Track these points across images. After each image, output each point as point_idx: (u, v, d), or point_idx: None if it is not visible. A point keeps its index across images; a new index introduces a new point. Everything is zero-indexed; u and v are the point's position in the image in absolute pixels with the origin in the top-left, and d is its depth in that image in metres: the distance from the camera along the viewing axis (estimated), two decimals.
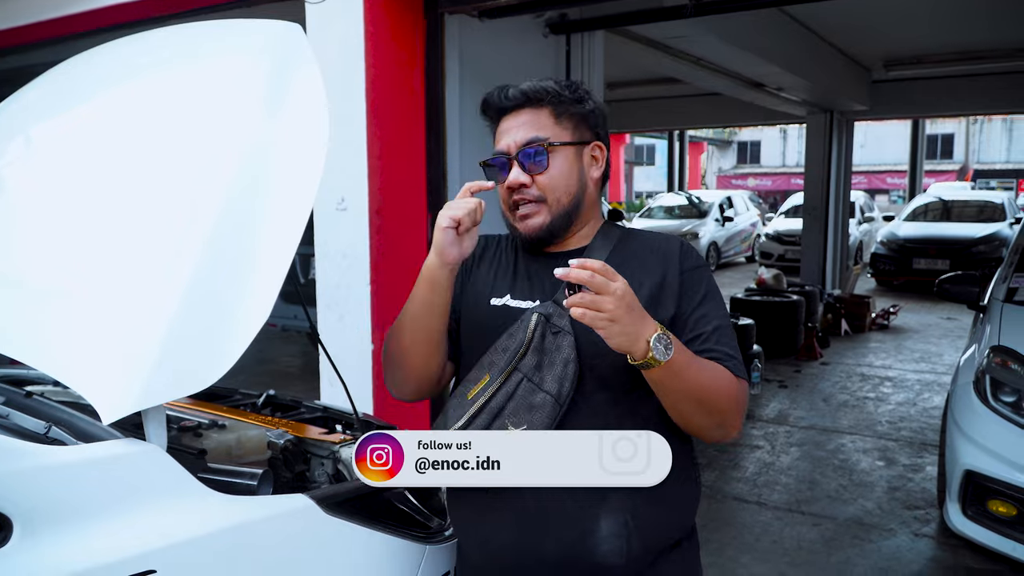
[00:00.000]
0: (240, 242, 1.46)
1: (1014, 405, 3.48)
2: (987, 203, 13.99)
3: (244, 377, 2.50)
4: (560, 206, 1.52)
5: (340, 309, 3.29)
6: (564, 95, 1.54)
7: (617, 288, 1.26)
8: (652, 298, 1.46)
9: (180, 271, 1.39)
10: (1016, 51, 8.10)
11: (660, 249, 1.54)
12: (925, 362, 7.87)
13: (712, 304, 1.50)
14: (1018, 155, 33.97)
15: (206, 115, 1.66)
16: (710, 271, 1.57)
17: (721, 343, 1.46)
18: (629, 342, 1.28)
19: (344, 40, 3.14)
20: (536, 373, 1.42)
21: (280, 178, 1.54)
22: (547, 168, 1.51)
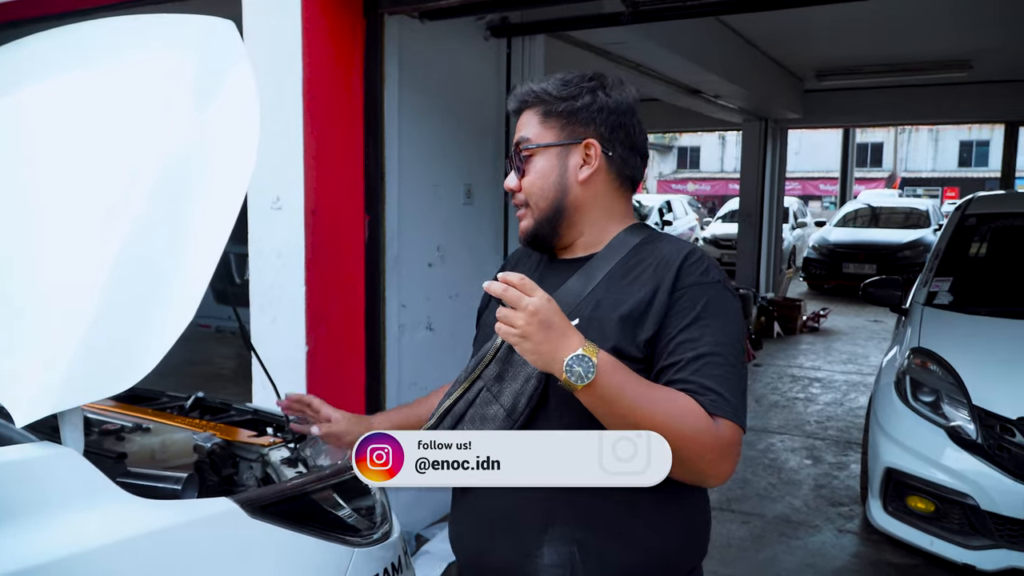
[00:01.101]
0: (165, 240, 1.44)
1: (932, 405, 3.61)
2: (913, 210, 14.46)
3: (175, 379, 2.46)
4: (539, 210, 1.46)
5: (273, 310, 3.25)
6: (552, 93, 1.45)
7: (530, 303, 1.20)
8: (630, 316, 1.35)
9: (100, 270, 1.37)
10: (941, 63, 8.39)
11: (664, 261, 1.39)
12: (852, 363, 8.10)
13: (706, 328, 1.32)
14: (943, 164, 35.21)
15: (133, 110, 1.63)
16: (721, 289, 1.37)
17: (701, 374, 1.28)
18: (542, 361, 1.22)
19: (281, 38, 3.10)
20: (496, 384, 1.40)
21: (209, 175, 1.52)
22: (526, 173, 1.47)
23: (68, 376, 1.32)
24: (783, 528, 4.19)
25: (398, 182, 3.56)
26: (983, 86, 9.65)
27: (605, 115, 1.45)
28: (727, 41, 7.20)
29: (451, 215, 4.04)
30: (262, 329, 3.27)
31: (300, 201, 3.11)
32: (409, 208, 3.66)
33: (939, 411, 3.57)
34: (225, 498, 1.53)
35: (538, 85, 1.48)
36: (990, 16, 6.43)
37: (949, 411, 3.53)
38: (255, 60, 3.06)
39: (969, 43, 7.62)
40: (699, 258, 1.39)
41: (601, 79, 1.48)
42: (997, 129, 21.76)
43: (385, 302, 3.55)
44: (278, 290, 3.22)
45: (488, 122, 4.31)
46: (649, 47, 5.59)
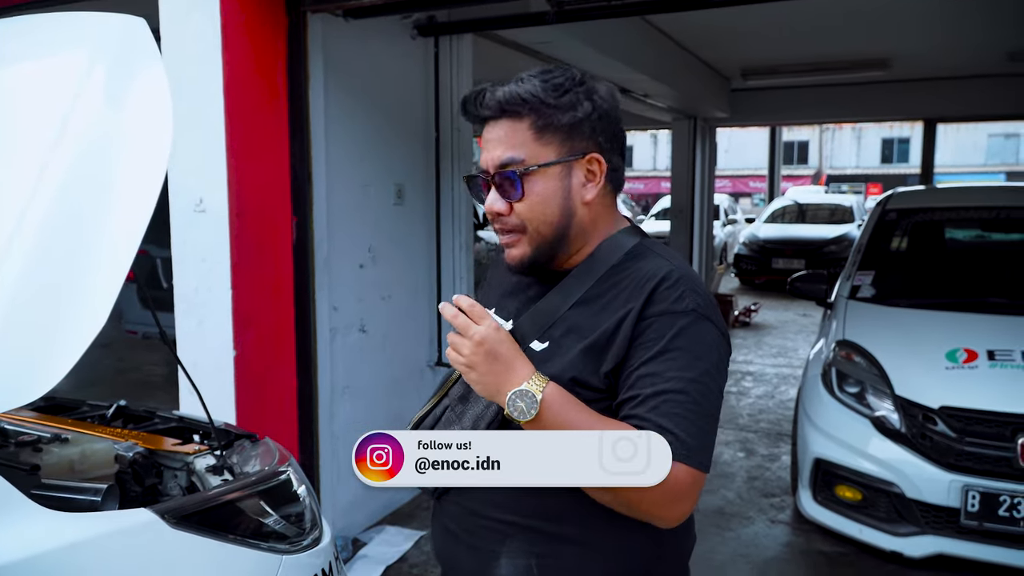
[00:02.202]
0: (75, 243, 1.40)
1: (857, 396, 3.70)
2: (838, 206, 14.88)
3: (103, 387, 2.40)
4: (540, 236, 1.32)
5: (199, 314, 3.17)
6: (548, 102, 1.28)
7: (476, 333, 1.17)
8: (594, 346, 1.27)
9: (7, 273, 1.31)
10: (861, 63, 8.64)
11: (639, 283, 1.28)
12: (782, 356, 8.29)
13: (671, 362, 1.22)
14: (867, 161, 36.34)
15: (40, 110, 1.58)
16: (699, 319, 1.25)
17: (658, 412, 1.20)
18: (488, 392, 1.20)
19: (200, 36, 3.02)
20: (459, 405, 1.37)
21: (121, 175, 1.48)
22: (523, 196, 1.29)
23: None
24: (717, 520, 4.25)
25: (326, 182, 3.51)
26: (902, 85, 9.97)
27: (604, 123, 1.33)
28: (655, 41, 7.29)
29: (382, 215, 4.01)
30: (188, 334, 3.20)
31: (224, 203, 3.04)
32: (338, 209, 3.61)
33: (864, 402, 3.66)
34: (145, 508, 1.49)
35: (525, 89, 1.29)
36: (906, 18, 6.65)
37: (873, 401, 3.63)
38: (174, 59, 3.02)
39: (887, 43, 7.87)
40: (675, 282, 1.27)
41: (587, 80, 1.34)
42: (917, 127, 22.54)
43: (315, 304, 3.50)
44: (204, 294, 3.14)
45: (418, 121, 4.29)
46: (577, 47, 5.63)
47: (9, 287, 1.31)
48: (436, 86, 4.35)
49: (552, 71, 1.33)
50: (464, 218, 4.58)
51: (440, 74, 4.35)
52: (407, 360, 4.29)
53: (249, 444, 2.02)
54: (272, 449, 1.99)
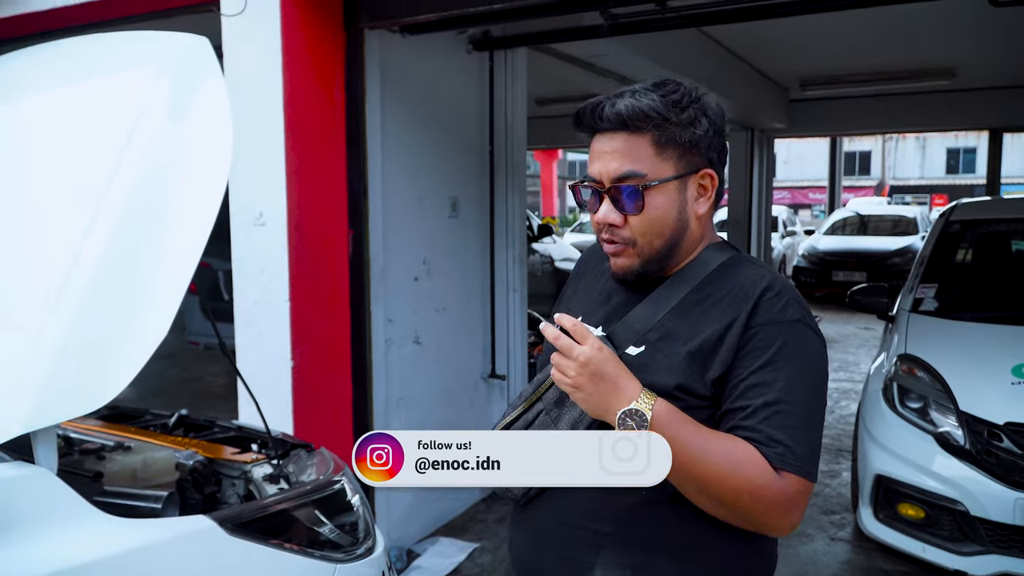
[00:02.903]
0: (140, 253, 1.44)
1: (920, 411, 3.61)
2: (901, 217, 14.53)
3: (167, 397, 2.47)
4: (652, 249, 1.32)
5: (258, 326, 3.23)
6: (670, 119, 1.28)
7: (581, 354, 1.16)
8: (699, 352, 1.26)
9: (73, 286, 1.36)
10: (925, 71, 8.45)
11: (740, 292, 1.29)
12: (843, 371, 8.11)
13: (779, 372, 1.22)
14: (931, 171, 35.43)
15: (107, 123, 1.63)
16: (802, 329, 1.26)
17: (770, 423, 1.20)
18: (596, 411, 1.19)
19: (261, 54, 3.10)
20: (555, 409, 1.36)
21: (182, 189, 1.52)
22: (643, 209, 1.29)
23: (40, 396, 1.31)
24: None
25: (382, 196, 3.56)
26: (967, 93, 9.71)
27: (716, 139, 1.34)
28: (710, 52, 7.24)
29: (437, 228, 4.04)
30: (247, 345, 3.26)
31: (283, 217, 3.11)
32: (394, 222, 3.66)
33: (927, 417, 3.57)
34: (203, 516, 1.52)
35: (647, 104, 1.28)
36: (972, 25, 6.49)
37: (937, 417, 3.53)
38: (236, 76, 3.09)
39: (952, 51, 7.68)
40: (779, 292, 1.28)
41: (700, 95, 1.34)
42: (983, 136, 21.92)
43: (371, 316, 3.55)
44: (263, 306, 3.21)
45: (473, 135, 4.32)
46: (633, 59, 5.61)
47: (76, 297, 1.35)
48: (491, 99, 4.38)
49: (667, 84, 1.33)
50: (518, 231, 4.59)
51: (495, 87, 4.38)
52: (461, 372, 4.31)
53: (305, 454, 2.05)
54: (327, 459, 2.01)
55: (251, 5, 3.10)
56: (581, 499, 1.32)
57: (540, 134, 10.65)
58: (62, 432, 1.96)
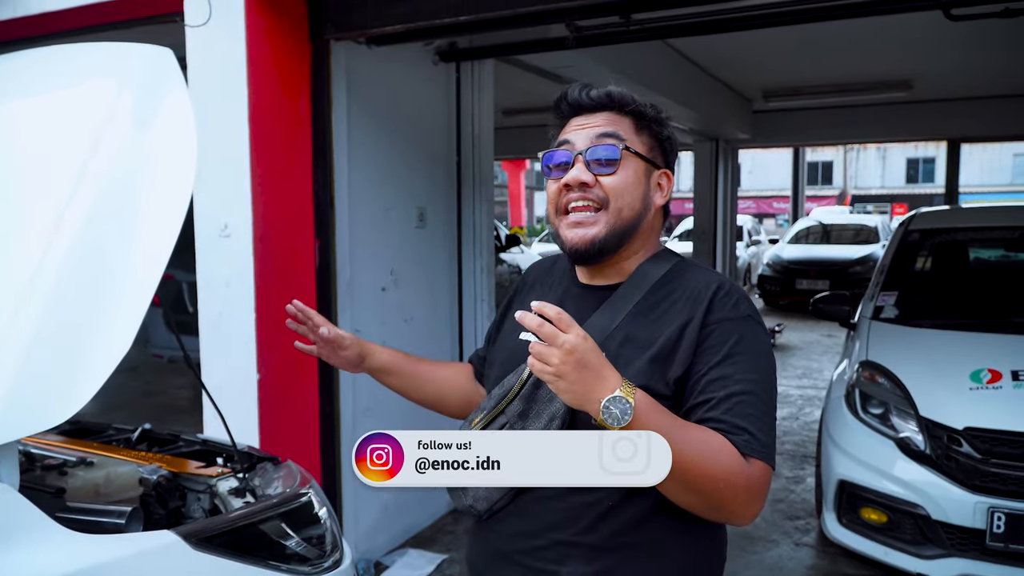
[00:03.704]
0: (101, 268, 1.43)
1: (881, 417, 3.67)
2: (863, 226, 14.76)
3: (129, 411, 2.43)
4: (620, 219, 1.37)
5: (224, 338, 3.21)
6: (648, 112, 1.43)
7: (566, 341, 1.14)
8: (660, 356, 1.31)
9: (35, 299, 1.34)
10: (883, 83, 8.62)
11: (693, 294, 1.35)
12: (807, 377, 8.22)
13: (738, 365, 1.29)
14: (891, 181, 36.09)
15: (69, 135, 1.61)
16: (752, 324, 1.34)
17: (733, 413, 1.25)
18: (578, 401, 1.17)
19: (225, 65, 3.08)
20: (519, 422, 1.37)
21: (147, 199, 1.51)
22: (616, 172, 1.36)
23: (1, 411, 1.29)
24: (741, 543, 4.21)
25: (348, 206, 3.55)
26: (925, 105, 9.93)
27: (675, 152, 1.48)
28: (675, 64, 7.32)
29: (404, 239, 4.04)
30: (212, 358, 3.23)
31: (249, 228, 3.09)
32: (360, 232, 3.65)
33: (888, 423, 3.62)
34: (168, 531, 1.50)
35: (630, 95, 1.42)
36: (927, 38, 6.64)
37: (898, 423, 3.59)
38: (201, 87, 3.08)
39: (909, 64, 7.85)
40: (729, 291, 1.35)
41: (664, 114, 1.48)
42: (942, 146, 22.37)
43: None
44: (228, 318, 3.18)
45: (440, 145, 4.33)
46: (598, 70, 5.66)
47: (37, 310, 1.33)
48: (458, 110, 4.39)
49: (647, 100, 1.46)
50: (485, 241, 4.61)
51: (461, 99, 4.40)
52: None
53: (271, 467, 2.04)
54: (294, 472, 2.00)
55: (215, 16, 3.09)
56: (544, 511, 1.34)
57: (507, 144, 10.68)
58: (23, 448, 1.93)
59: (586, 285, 1.47)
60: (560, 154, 1.41)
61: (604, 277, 1.45)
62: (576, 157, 1.38)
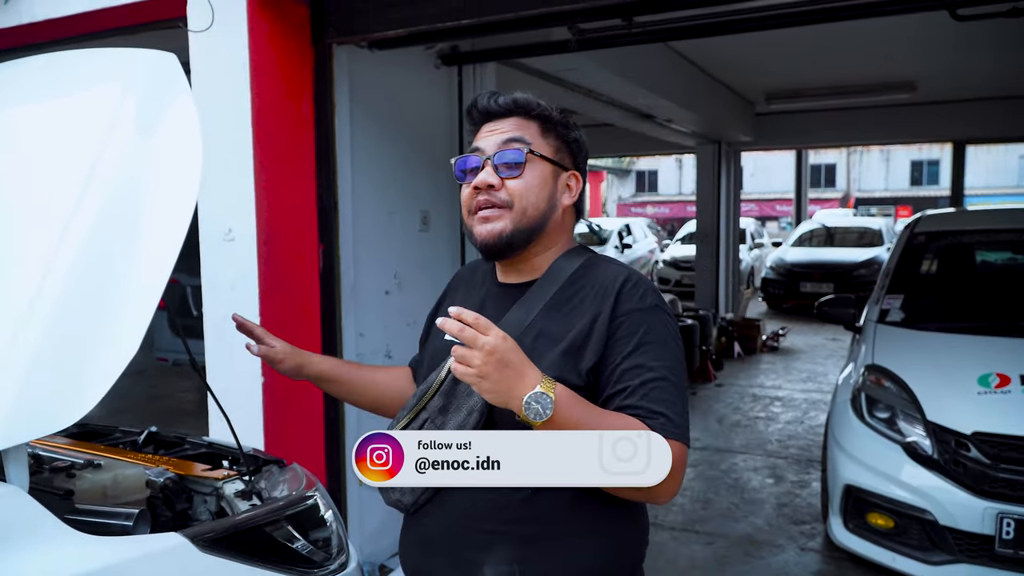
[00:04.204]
0: (109, 269, 1.43)
1: (888, 421, 3.65)
2: (867, 229, 14.76)
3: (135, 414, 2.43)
4: (525, 218, 1.44)
5: (229, 342, 3.20)
6: (554, 116, 1.51)
7: (486, 343, 1.19)
8: (571, 349, 1.38)
9: (43, 302, 1.35)
10: (887, 85, 8.60)
11: (602, 288, 1.42)
12: (812, 381, 8.21)
13: (649, 353, 1.36)
14: (895, 183, 36.03)
15: (75, 141, 1.62)
16: (659, 313, 1.41)
17: (649, 399, 1.32)
18: (501, 399, 1.22)
19: (229, 70, 3.09)
20: (440, 416, 1.42)
21: (153, 203, 1.52)
22: (521, 175, 1.44)
23: (11, 412, 1.30)
24: (746, 548, 4.21)
25: (352, 210, 3.56)
26: (930, 107, 9.91)
27: (584, 154, 1.55)
28: (677, 67, 7.33)
29: (407, 242, 4.05)
30: (218, 361, 3.23)
31: (253, 232, 3.09)
32: (364, 236, 3.66)
33: (895, 427, 3.61)
34: (175, 533, 1.51)
35: (535, 100, 1.49)
36: (932, 39, 6.63)
37: (905, 427, 3.58)
38: (204, 92, 3.09)
39: (912, 66, 7.84)
40: (636, 283, 1.42)
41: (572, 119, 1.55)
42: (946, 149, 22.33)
43: (342, 331, 3.54)
44: (232, 322, 3.18)
45: (442, 149, 4.33)
46: (600, 73, 5.67)
47: (46, 314, 1.34)
48: (460, 113, 4.40)
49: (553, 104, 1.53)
50: None
51: (464, 102, 4.40)
52: None
53: (277, 470, 2.04)
54: (300, 474, 2.00)
55: (218, 21, 3.10)
56: (467, 502, 1.38)
57: None
58: (31, 450, 1.93)
59: (504, 284, 1.54)
60: (471, 159, 1.49)
61: (519, 275, 1.52)
62: (485, 161, 1.46)
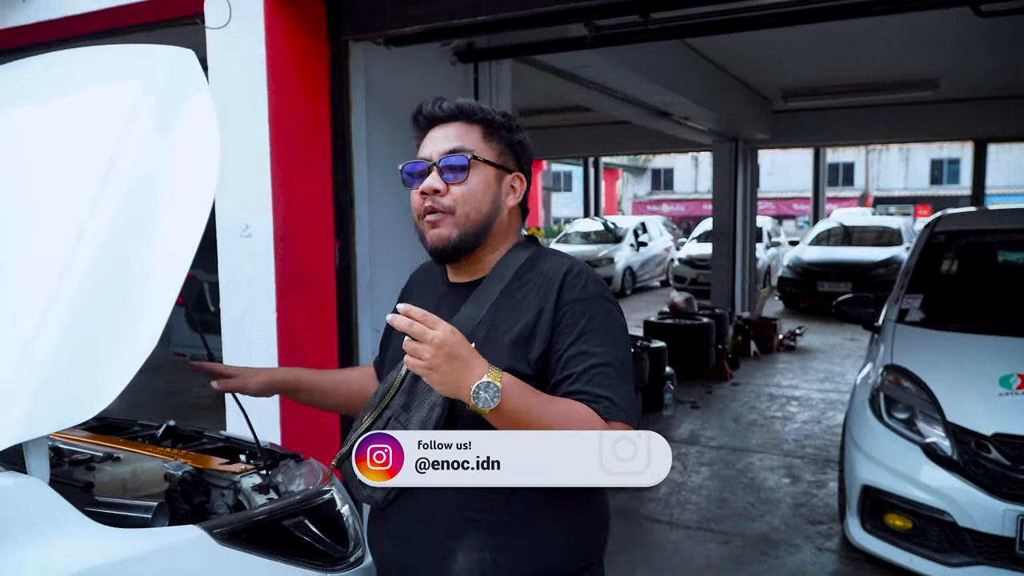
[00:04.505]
0: (128, 264, 1.44)
1: (907, 422, 3.62)
2: (885, 228, 14.65)
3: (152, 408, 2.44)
4: (469, 222, 1.50)
5: (246, 337, 3.23)
6: (497, 119, 1.55)
7: (435, 337, 1.25)
8: (520, 339, 1.44)
9: (63, 294, 1.36)
10: (908, 83, 8.52)
11: (547, 280, 1.49)
12: (829, 381, 8.16)
13: (592, 340, 1.42)
14: (915, 182, 35.74)
15: (94, 136, 1.63)
16: (603, 301, 1.48)
17: (593, 384, 1.39)
18: (451, 390, 1.27)
19: (246, 66, 3.11)
20: (403, 413, 1.46)
21: (171, 199, 1.53)
22: (465, 181, 1.50)
23: (32, 405, 1.31)
24: (762, 547, 4.19)
25: (368, 207, 3.56)
26: (951, 104, 9.81)
27: (527, 155, 1.61)
28: (694, 64, 7.30)
29: None
30: (235, 357, 3.25)
31: (269, 228, 3.11)
32: (380, 233, 3.66)
33: (914, 428, 3.58)
34: (194, 525, 1.52)
35: (478, 106, 1.55)
36: (955, 36, 6.57)
37: (924, 428, 3.54)
38: (221, 88, 3.10)
39: (935, 62, 7.76)
40: (577, 273, 1.48)
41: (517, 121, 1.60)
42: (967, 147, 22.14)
43: (358, 327, 3.54)
44: (250, 318, 3.20)
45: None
46: (616, 70, 5.66)
47: (65, 310, 1.35)
48: None
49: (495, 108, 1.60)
50: None
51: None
52: None
53: (294, 464, 2.05)
54: (316, 469, 2.01)
55: (235, 18, 3.11)
56: (439, 492, 1.40)
57: None
58: (51, 443, 1.94)
59: (455, 283, 1.60)
60: (418, 164, 1.56)
61: (469, 274, 1.58)
62: (431, 167, 1.52)
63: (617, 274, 16.09)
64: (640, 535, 4.35)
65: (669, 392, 6.82)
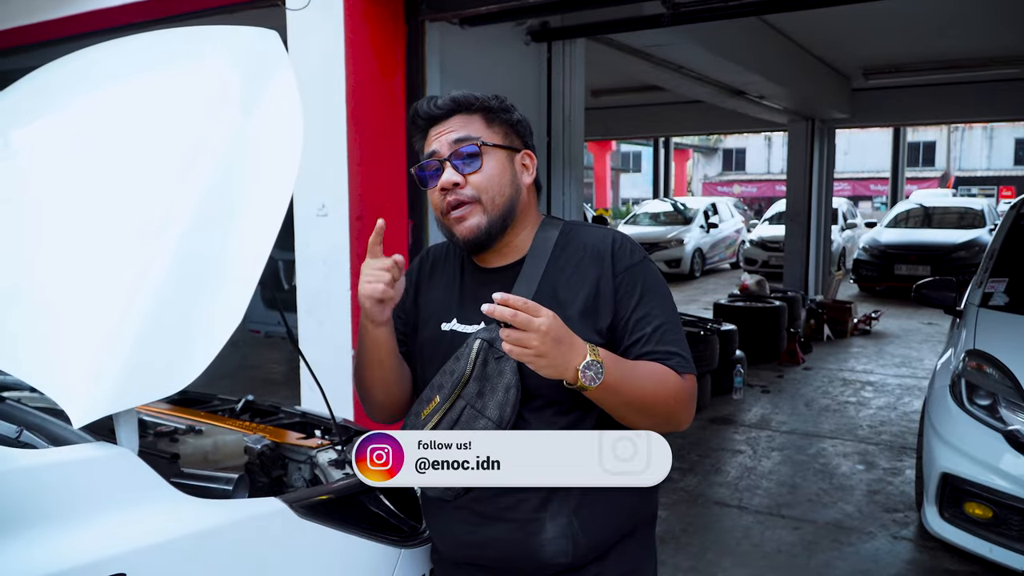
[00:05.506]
0: (213, 245, 1.48)
1: (989, 408, 3.51)
2: (968, 210, 14.13)
3: (228, 383, 2.51)
4: (495, 207, 1.51)
5: (320, 315, 3.29)
6: (492, 104, 1.56)
7: (541, 324, 1.26)
8: (587, 310, 1.47)
9: (152, 274, 1.40)
10: (989, 60, 8.19)
11: (595, 251, 1.53)
12: (906, 367, 7.94)
13: (652, 302, 1.50)
14: (998, 162, 34.34)
15: (181, 118, 1.67)
16: (649, 264, 1.55)
17: (664, 342, 1.46)
18: (558, 372, 1.30)
19: (324, 48, 3.15)
20: (478, 400, 1.44)
21: (254, 181, 1.55)
22: (480, 168, 1.50)
23: (122, 379, 1.35)
24: (835, 534, 4.11)
25: None
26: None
27: (528, 132, 1.63)
28: (771, 41, 7.12)
29: None
30: (309, 333, 3.32)
31: (345, 207, 3.16)
32: None
33: (996, 415, 3.48)
34: (274, 498, 1.56)
35: (472, 95, 1.56)
36: None
37: (1007, 415, 3.44)
38: (300, 70, 3.13)
39: (1021, 39, 7.43)
40: (623, 242, 1.55)
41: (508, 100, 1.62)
42: None
43: None
44: (325, 295, 3.26)
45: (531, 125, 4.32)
46: (691, 49, 5.56)
47: (155, 288, 1.39)
48: (548, 91, 4.38)
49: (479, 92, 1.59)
50: (577, 219, 4.59)
51: (552, 79, 4.38)
52: None
53: None
54: None
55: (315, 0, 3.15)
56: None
57: (594, 126, 10.59)
58: None
59: (489, 269, 1.59)
60: (430, 163, 1.54)
61: (504, 257, 1.58)
62: (444, 163, 1.51)
63: (686, 256, 15.90)
64: (710, 519, 4.31)
65: (739, 375, 6.73)
